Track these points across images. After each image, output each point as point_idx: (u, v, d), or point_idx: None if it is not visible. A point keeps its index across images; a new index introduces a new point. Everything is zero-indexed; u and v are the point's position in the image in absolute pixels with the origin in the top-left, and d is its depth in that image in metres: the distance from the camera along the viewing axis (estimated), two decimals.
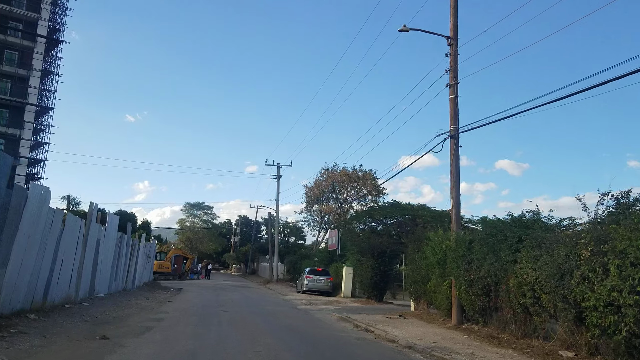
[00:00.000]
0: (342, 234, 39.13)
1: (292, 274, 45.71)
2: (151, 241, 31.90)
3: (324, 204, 48.10)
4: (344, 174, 47.19)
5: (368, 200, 47.69)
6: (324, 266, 35.28)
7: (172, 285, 38.24)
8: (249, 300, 25.15)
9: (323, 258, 35.91)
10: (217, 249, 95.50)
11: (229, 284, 44.91)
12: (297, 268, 41.13)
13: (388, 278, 23.14)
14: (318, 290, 32.14)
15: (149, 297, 22.62)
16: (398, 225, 37.20)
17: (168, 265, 49.43)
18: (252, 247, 76.45)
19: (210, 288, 36.88)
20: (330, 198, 48.82)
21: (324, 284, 32.12)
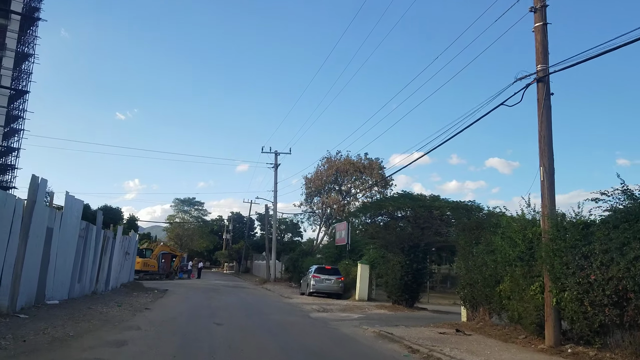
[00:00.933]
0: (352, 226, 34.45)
1: (291, 272, 40.91)
2: (131, 235, 26.86)
3: (326, 195, 43.35)
4: (348, 162, 42.49)
5: (374, 191, 43.04)
6: (331, 264, 30.55)
7: (158, 285, 33.35)
8: (247, 305, 20.36)
9: (329, 255, 31.16)
10: (209, 247, 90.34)
11: (221, 284, 40.01)
12: (298, 266, 36.37)
13: (422, 278, 18.44)
14: (327, 292, 27.45)
15: (122, 303, 17.74)
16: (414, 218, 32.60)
17: (154, 263, 44.42)
18: (245, 244, 71.49)
19: (201, 289, 31.99)
20: (332, 189, 44.06)
21: (334, 285, 27.41)
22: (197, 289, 31.69)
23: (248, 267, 71.99)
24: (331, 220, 43.72)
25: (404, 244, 18.29)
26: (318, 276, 27.60)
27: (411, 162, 22.21)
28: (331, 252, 31.09)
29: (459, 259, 14.52)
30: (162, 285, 35.03)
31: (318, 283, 27.46)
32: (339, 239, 30.51)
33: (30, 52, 50.28)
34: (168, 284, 37.86)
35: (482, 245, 13.22)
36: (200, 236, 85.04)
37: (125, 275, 27.45)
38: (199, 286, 36.17)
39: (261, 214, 69.28)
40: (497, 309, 12.70)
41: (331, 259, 30.83)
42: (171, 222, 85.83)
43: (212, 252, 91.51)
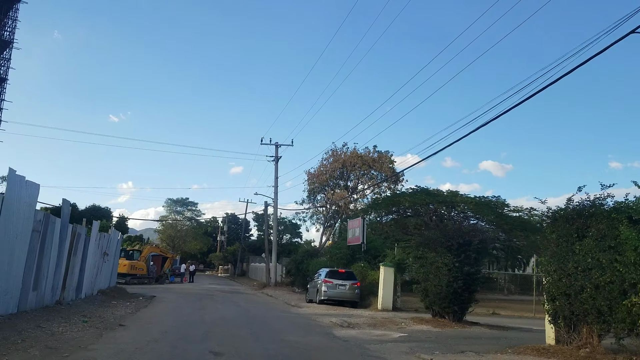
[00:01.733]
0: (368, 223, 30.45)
1: (293, 276, 36.80)
2: (111, 232, 22.68)
3: (331, 191, 39.27)
4: (355, 156, 38.45)
5: (383, 188, 39.04)
6: (343, 266, 26.51)
7: (145, 291, 29.22)
8: (250, 318, 16.25)
9: (340, 256, 27.06)
10: (202, 249, 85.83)
11: (217, 289, 35.86)
12: (302, 269, 32.30)
13: (474, 284, 14.35)
14: (340, 299, 23.48)
15: (90, 318, 13.62)
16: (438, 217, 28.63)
17: (143, 266, 40.19)
18: (241, 246, 67.26)
19: (193, 295, 27.83)
20: (336, 185, 39.99)
21: (349, 291, 23.42)
22: (189, 295, 27.53)
23: (244, 270, 67.79)
24: (336, 219, 39.68)
25: (452, 241, 14.24)
26: (330, 281, 23.57)
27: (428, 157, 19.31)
28: (342, 253, 27.00)
29: (547, 259, 10.49)
30: (150, 290, 30.86)
31: (330, 289, 23.42)
32: (352, 237, 26.48)
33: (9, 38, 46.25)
34: (157, 289, 33.67)
35: (592, 240, 9.23)
36: (193, 238, 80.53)
37: (105, 280, 23.25)
38: (192, 291, 32.00)
39: (258, 213, 65.10)
40: (621, 329, 8.69)
41: (342, 261, 26.76)
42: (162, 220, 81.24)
43: (206, 255, 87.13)
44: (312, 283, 26.02)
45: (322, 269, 26.15)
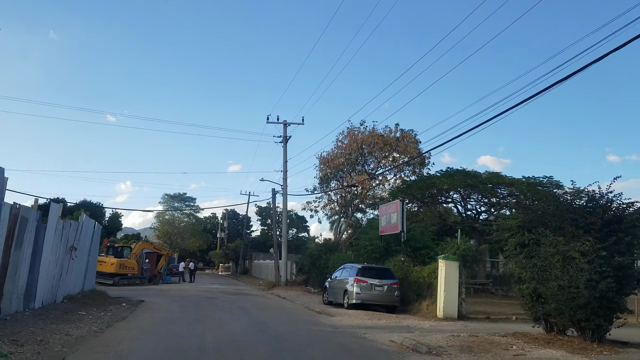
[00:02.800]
0: None
1: (307, 274, 31.54)
2: (82, 220, 17.24)
3: (348, 175, 33.90)
4: (375, 135, 33.12)
5: (408, 172, 33.77)
6: (375, 261, 21.30)
7: (133, 294, 24.04)
8: (274, 339, 10.91)
9: (372, 249, 21.65)
10: (202, 246, 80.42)
11: (218, 290, 30.56)
12: (319, 265, 27.02)
13: (629, 283, 9.11)
14: (376, 302, 18.44)
15: (21, 344, 8.38)
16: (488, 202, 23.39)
17: (134, 264, 34.86)
18: (243, 242, 61.93)
19: (191, 299, 22.55)
20: (353, 170, 34.66)
21: (387, 293, 18.40)
22: (185, 300, 22.25)
23: (246, 267, 62.49)
24: (353, 208, 34.40)
25: (593, 217, 8.92)
26: (364, 280, 18.37)
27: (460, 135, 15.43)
28: (373, 245, 21.61)
29: None
30: (140, 293, 25.58)
31: (364, 291, 18.23)
32: (387, 225, 21.15)
33: None
34: (149, 291, 28.38)
35: None
36: (192, 235, 75.12)
37: (75, 282, 17.89)
38: (189, 293, 26.70)
39: (261, 207, 59.89)
40: None
41: (374, 255, 21.45)
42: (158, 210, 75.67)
43: (206, 252, 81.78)
44: (333, 282, 20.86)
45: (346, 265, 20.96)
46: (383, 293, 18.48)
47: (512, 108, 11.94)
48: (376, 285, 18.45)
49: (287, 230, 32.77)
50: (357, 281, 18.47)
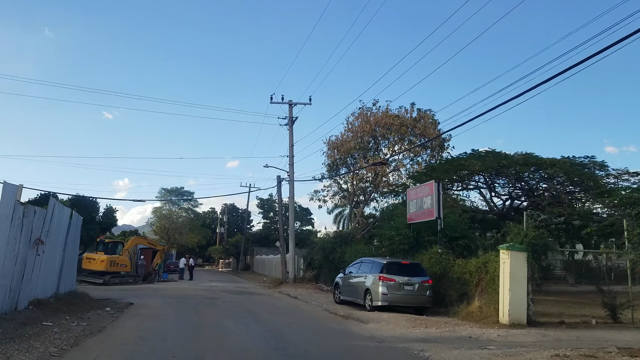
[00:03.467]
0: None
1: (317, 269, 28.35)
2: (51, 207, 13.84)
3: (361, 161, 30.57)
4: (389, 116, 29.83)
5: (426, 156, 30.53)
6: (403, 254, 18.08)
7: (123, 295, 20.98)
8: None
9: (400, 239, 18.26)
10: (201, 242, 77.05)
11: (219, 288, 27.35)
12: (333, 260, 23.81)
13: None
14: (406, 304, 15.58)
15: None
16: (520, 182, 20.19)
17: (126, 261, 31.60)
18: (244, 237, 58.69)
19: (189, 300, 19.32)
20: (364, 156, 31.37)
21: (418, 293, 15.44)
22: (182, 301, 19.02)
23: (248, 263, 59.30)
24: (367, 196, 31.13)
25: None
26: (391, 279, 15.36)
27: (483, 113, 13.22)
28: (402, 235, 18.23)
29: None
30: (131, 293, 22.41)
31: (392, 291, 15.24)
32: (417, 212, 17.77)
33: None
34: (143, 290, 25.19)
35: None
36: (190, 230, 71.71)
37: (46, 283, 14.58)
38: (187, 293, 23.48)
39: (263, 199, 56.63)
40: None
41: (402, 247, 18.07)
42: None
43: (205, 248, 78.51)
44: (347, 278, 17.94)
45: (364, 259, 17.87)
46: (413, 293, 15.42)
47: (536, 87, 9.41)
48: (405, 284, 15.38)
49: (295, 221, 29.47)
50: (383, 279, 15.38)
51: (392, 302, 15.41)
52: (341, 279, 18.42)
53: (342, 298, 18.00)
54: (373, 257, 18.31)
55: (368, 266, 16.96)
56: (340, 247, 23.40)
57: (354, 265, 18.24)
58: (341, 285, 18.29)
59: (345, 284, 18.06)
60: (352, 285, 17.48)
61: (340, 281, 18.47)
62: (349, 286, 17.71)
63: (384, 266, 15.94)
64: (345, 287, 18.01)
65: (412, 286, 15.46)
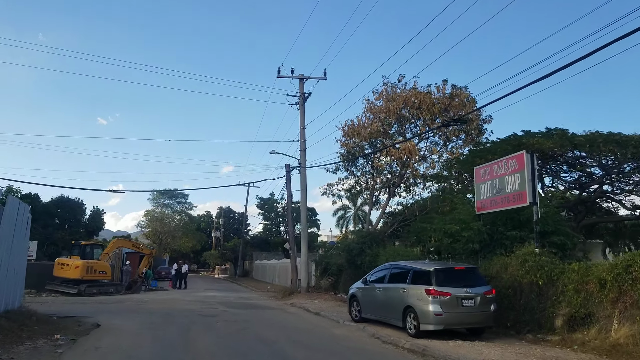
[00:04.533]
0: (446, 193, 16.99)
1: (333, 276, 23.19)
2: None
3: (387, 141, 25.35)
4: (419, 94, 24.78)
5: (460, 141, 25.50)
6: (467, 257, 13.02)
7: (90, 312, 15.95)
8: None
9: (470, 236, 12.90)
10: (196, 247, 71.63)
11: (218, 300, 22.14)
12: (359, 265, 18.63)
13: None
14: (467, 325, 11.15)
15: None
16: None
17: (106, 267, 26.31)
18: (243, 240, 53.40)
19: (179, 319, 14.05)
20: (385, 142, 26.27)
21: (479, 309, 10.86)
22: (168, 320, 13.80)
23: (246, 269, 53.94)
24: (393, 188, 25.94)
25: None
26: (446, 292, 10.78)
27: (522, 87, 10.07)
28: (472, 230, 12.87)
29: None
30: (103, 308, 17.28)
31: (448, 309, 10.65)
32: (494, 197, 12.38)
33: None
34: (122, 303, 20.04)
35: None
36: (184, 234, 66.26)
37: None
38: (178, 306, 18.26)
39: (263, 198, 51.37)
40: None
41: (471, 246, 12.86)
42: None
43: (200, 253, 73.05)
44: (371, 289, 13.19)
45: (397, 264, 13.19)
46: (474, 309, 10.78)
47: None
48: (464, 297, 10.73)
49: (307, 218, 24.20)
50: (434, 293, 10.66)
51: (449, 324, 10.66)
52: (361, 290, 13.59)
53: (364, 315, 13.23)
54: (408, 262, 13.34)
55: (403, 273, 12.11)
56: (371, 249, 18.25)
57: (380, 271, 13.44)
58: (361, 298, 13.46)
59: (368, 296, 13.21)
60: (379, 298, 12.65)
61: (359, 293, 13.64)
62: (374, 300, 12.88)
63: (433, 274, 11.10)
64: (368, 300, 13.17)
65: (472, 300, 10.73)
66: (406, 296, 11.41)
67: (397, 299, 11.72)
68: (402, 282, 11.87)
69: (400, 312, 11.46)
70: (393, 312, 11.85)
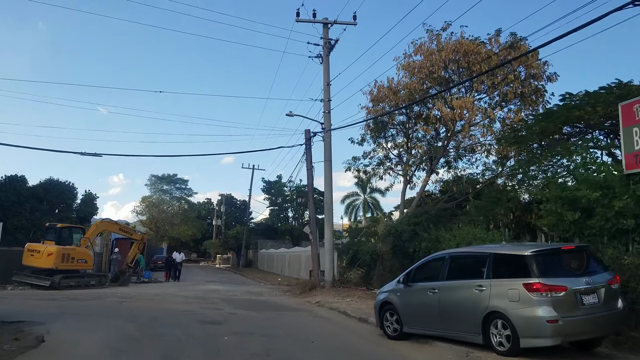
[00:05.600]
0: None
1: (365, 267, 18.44)
2: None
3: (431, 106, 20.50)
4: (469, 43, 19.89)
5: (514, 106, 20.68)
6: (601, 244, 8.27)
7: (55, 310, 11.13)
8: None
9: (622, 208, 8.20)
10: (196, 235, 66.76)
11: (221, 296, 17.40)
12: (412, 253, 13.72)
13: None
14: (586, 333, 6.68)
15: None
16: None
17: (86, 254, 21.68)
18: (246, 227, 48.71)
19: (170, 328, 9.21)
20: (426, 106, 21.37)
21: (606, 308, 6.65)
22: (149, 334, 8.98)
23: (250, 259, 49.31)
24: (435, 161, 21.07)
25: None
26: (559, 287, 6.52)
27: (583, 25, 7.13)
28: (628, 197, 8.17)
29: None
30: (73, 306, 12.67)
31: (565, 311, 6.44)
32: None
33: None
34: (101, 299, 15.34)
35: None
36: (183, 221, 61.30)
37: None
38: (170, 307, 13.49)
39: (270, 181, 46.49)
40: None
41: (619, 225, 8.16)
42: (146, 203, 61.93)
43: (200, 242, 68.34)
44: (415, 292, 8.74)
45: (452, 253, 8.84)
46: (599, 309, 6.74)
47: None
48: (583, 292, 6.71)
49: (332, 194, 19.19)
50: (541, 289, 6.65)
51: (569, 335, 6.67)
52: (399, 294, 9.05)
53: (407, 330, 8.75)
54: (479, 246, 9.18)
55: (475, 264, 8.03)
56: (427, 232, 13.43)
57: (428, 264, 9.03)
58: (401, 306, 8.92)
59: (412, 302, 8.73)
60: (433, 304, 8.22)
61: (395, 298, 9.08)
62: (424, 307, 8.44)
63: (532, 260, 6.99)
64: (413, 308, 8.69)
65: (594, 295, 6.73)
66: (487, 296, 7.21)
67: (470, 303, 7.49)
68: (475, 276, 7.64)
69: (478, 321, 7.24)
70: (462, 323, 7.63)
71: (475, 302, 7.36)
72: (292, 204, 46.60)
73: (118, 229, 24.47)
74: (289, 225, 45.36)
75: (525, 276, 6.86)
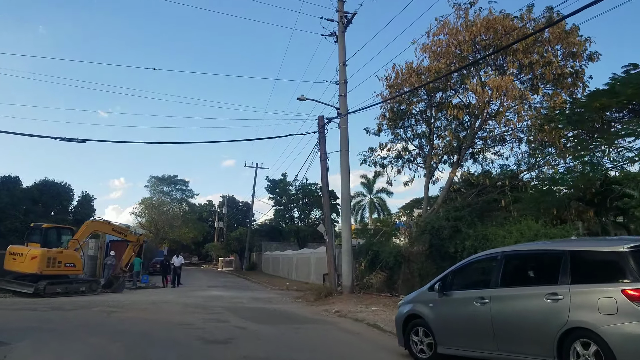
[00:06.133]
0: None
1: (387, 270, 16.20)
2: None
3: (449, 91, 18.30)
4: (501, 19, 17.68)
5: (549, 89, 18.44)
6: None
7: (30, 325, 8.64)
8: None
9: None
10: (197, 238, 64.56)
11: (226, 305, 15.12)
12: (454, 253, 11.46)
13: None
14: None
15: None
16: None
17: (74, 258, 19.44)
18: (249, 229, 46.45)
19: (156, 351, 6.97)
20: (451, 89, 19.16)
21: None
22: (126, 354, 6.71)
23: (254, 261, 47.04)
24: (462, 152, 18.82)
25: None
26: None
27: None
28: None
29: None
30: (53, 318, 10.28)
31: None
32: None
33: None
34: (88, 309, 13.03)
35: None
36: (184, 223, 59.09)
37: None
38: (166, 318, 11.16)
39: (274, 180, 44.24)
40: None
41: None
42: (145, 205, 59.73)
43: (202, 245, 66.07)
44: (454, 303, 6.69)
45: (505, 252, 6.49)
46: None
47: None
48: None
49: (349, 190, 16.90)
50: None
51: None
52: (431, 306, 7.04)
53: (444, 350, 6.71)
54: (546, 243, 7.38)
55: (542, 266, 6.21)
56: (473, 228, 11.18)
57: (472, 265, 7.13)
58: (435, 320, 6.90)
59: (450, 316, 6.73)
60: (482, 318, 6.16)
61: (427, 311, 7.08)
62: (469, 322, 6.41)
63: (629, 258, 4.98)
64: (452, 323, 6.67)
65: None
66: (564, 308, 5.29)
67: (539, 316, 5.55)
68: (545, 281, 5.81)
69: (552, 340, 5.32)
70: (527, 343, 5.68)
71: (547, 315, 5.40)
72: (297, 204, 44.36)
73: (111, 230, 22.22)
74: (294, 226, 43.08)
75: (620, 278, 4.96)
